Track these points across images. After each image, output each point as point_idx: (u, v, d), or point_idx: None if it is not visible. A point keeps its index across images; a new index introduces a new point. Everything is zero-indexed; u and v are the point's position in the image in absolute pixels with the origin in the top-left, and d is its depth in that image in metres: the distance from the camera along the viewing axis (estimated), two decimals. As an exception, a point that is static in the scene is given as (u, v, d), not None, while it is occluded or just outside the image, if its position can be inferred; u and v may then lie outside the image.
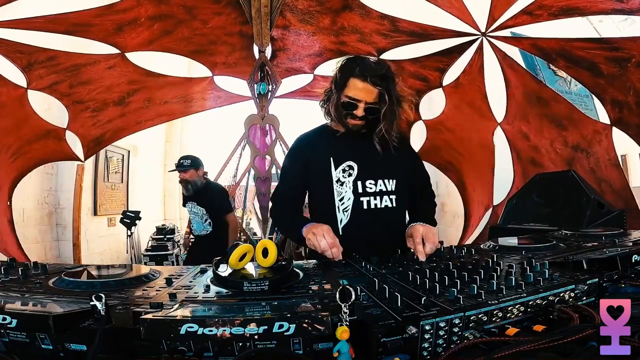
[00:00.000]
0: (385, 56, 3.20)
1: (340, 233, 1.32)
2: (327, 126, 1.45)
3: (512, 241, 1.24)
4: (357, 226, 1.33)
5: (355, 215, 1.34)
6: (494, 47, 2.86)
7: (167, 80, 3.70)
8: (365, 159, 1.35)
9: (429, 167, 3.60)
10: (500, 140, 3.40)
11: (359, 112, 1.28)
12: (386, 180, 1.36)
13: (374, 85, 1.24)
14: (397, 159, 1.38)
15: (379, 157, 1.35)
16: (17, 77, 2.87)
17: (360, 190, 1.34)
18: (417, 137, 3.74)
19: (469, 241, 3.70)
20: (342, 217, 1.34)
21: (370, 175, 1.35)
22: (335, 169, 1.35)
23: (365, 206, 1.34)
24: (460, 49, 3.00)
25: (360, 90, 1.25)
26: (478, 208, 3.75)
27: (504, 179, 3.49)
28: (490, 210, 3.61)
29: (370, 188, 1.34)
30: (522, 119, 3.06)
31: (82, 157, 3.77)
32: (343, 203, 1.34)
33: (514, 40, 2.80)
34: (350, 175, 1.34)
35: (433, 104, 3.64)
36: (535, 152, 3.09)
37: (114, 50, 3.05)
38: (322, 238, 1.13)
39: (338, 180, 1.34)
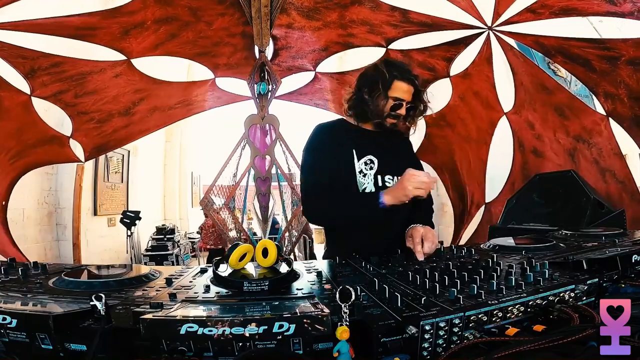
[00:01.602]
0: (394, 46, 3.21)
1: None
2: (344, 120, 1.49)
3: (512, 241, 1.24)
4: (377, 219, 1.35)
5: None
6: (500, 40, 2.92)
7: (171, 87, 3.70)
8: (384, 155, 1.41)
9: (428, 168, 3.62)
10: (501, 132, 3.40)
11: (403, 110, 1.38)
12: (399, 178, 1.38)
13: (413, 85, 1.36)
14: (409, 160, 1.46)
15: (394, 154, 1.43)
16: (20, 82, 2.82)
17: (380, 184, 1.38)
18: (415, 135, 3.75)
19: (464, 240, 3.71)
20: None
21: (389, 171, 1.40)
22: (358, 160, 1.40)
23: None
24: (467, 41, 3.05)
25: (405, 92, 1.36)
26: (473, 206, 3.76)
27: (498, 175, 3.49)
28: (483, 208, 3.62)
29: (389, 183, 1.39)
30: (530, 107, 3.10)
31: (82, 158, 3.77)
32: None
33: (518, 35, 2.86)
34: (371, 168, 1.39)
35: (434, 98, 3.64)
36: (538, 141, 3.12)
37: (119, 57, 3.01)
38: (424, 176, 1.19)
39: (361, 172, 1.39)
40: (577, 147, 2.81)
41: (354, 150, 1.39)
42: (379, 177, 1.38)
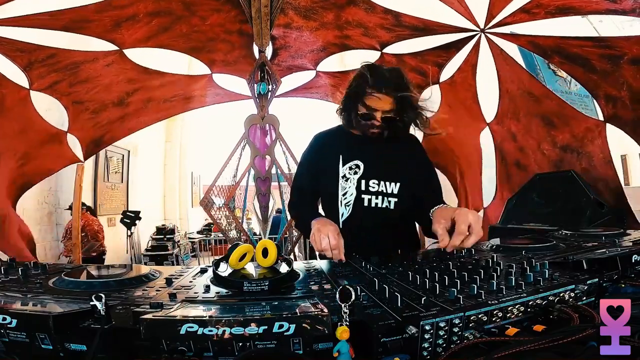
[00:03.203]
0: (388, 50, 3.21)
1: (341, 226, 1.37)
2: (342, 127, 1.51)
3: (512, 241, 1.24)
4: (357, 221, 1.39)
5: (355, 211, 1.40)
6: (491, 43, 2.88)
7: (166, 79, 3.70)
8: (371, 160, 1.41)
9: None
10: (487, 141, 3.39)
11: (377, 121, 1.34)
12: (388, 183, 1.41)
13: (389, 95, 1.30)
14: (407, 165, 1.43)
15: (386, 160, 1.41)
16: (18, 78, 2.86)
17: (363, 188, 1.40)
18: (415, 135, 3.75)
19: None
20: (344, 211, 1.41)
21: (375, 176, 1.41)
22: (343, 165, 1.42)
23: (366, 203, 1.40)
24: (459, 45, 3.02)
25: (377, 101, 1.31)
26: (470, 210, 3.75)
27: (490, 183, 3.48)
28: (482, 212, 3.61)
29: (373, 187, 1.40)
30: (513, 117, 3.05)
31: (81, 157, 3.77)
32: (346, 198, 1.41)
33: (512, 37, 2.81)
34: (355, 173, 1.41)
35: (429, 102, 3.64)
36: (521, 153, 3.07)
37: (112, 47, 3.04)
38: (326, 237, 1.14)
39: (344, 176, 1.42)
40: (565, 158, 2.73)
41: (340, 156, 1.42)
42: (363, 181, 1.40)
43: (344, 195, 1.41)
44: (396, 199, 1.41)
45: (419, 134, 1.54)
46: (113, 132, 3.91)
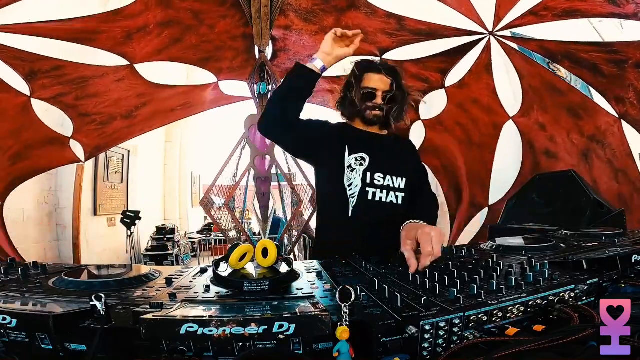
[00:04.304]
0: (388, 56, 3.21)
1: (350, 215, 1.38)
2: (345, 123, 1.55)
3: (513, 241, 1.24)
4: (363, 213, 1.38)
5: (360, 203, 1.39)
6: (503, 45, 2.90)
7: (174, 91, 3.71)
8: (377, 154, 1.43)
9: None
10: (507, 136, 3.38)
11: (378, 100, 1.41)
12: (394, 177, 1.41)
13: (387, 75, 1.41)
14: (408, 160, 1.49)
15: (391, 154, 1.44)
16: (19, 84, 2.81)
17: (368, 180, 1.39)
18: (415, 138, 3.74)
19: (465, 241, 3.70)
20: (351, 202, 1.41)
21: (380, 170, 1.41)
22: (349, 155, 1.42)
23: (370, 197, 1.39)
24: (464, 49, 3.02)
25: (377, 82, 1.41)
26: (469, 208, 3.76)
27: (505, 178, 3.48)
28: (486, 210, 3.61)
29: (379, 181, 1.40)
30: (540, 109, 3.08)
31: (82, 158, 3.77)
32: (351, 189, 1.40)
33: (522, 40, 2.84)
34: (361, 165, 1.41)
35: (432, 104, 3.64)
36: (551, 142, 3.11)
37: (122, 62, 3.00)
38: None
39: (349, 166, 1.41)
40: (592, 148, 2.81)
41: (346, 146, 1.43)
42: (368, 173, 1.40)
43: (349, 185, 1.40)
44: (403, 194, 1.41)
45: (418, 136, 1.59)
46: (117, 139, 3.93)
